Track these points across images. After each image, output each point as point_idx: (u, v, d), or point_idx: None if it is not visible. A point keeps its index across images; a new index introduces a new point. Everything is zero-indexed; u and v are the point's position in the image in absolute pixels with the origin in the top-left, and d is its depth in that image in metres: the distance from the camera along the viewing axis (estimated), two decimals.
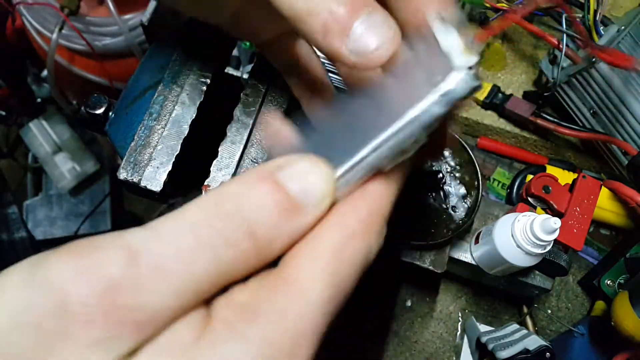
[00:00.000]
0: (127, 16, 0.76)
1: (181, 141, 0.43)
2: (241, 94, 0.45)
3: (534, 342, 0.56)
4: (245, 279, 0.20)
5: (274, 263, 0.20)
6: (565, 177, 0.70)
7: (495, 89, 0.75)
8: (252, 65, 0.47)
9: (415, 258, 0.53)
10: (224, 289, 0.19)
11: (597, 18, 0.65)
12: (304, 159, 0.20)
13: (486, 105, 0.75)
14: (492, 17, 0.74)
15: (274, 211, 0.19)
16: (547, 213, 0.57)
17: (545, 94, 0.72)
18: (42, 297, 0.17)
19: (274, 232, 0.19)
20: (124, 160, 0.43)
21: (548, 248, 0.50)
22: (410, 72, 0.22)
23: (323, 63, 0.39)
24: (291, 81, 0.40)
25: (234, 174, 0.43)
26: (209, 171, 0.43)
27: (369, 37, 0.22)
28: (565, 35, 0.65)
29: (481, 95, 0.75)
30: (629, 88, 0.63)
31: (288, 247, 0.20)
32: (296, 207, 0.19)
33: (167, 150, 0.43)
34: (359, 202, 0.21)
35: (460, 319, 0.68)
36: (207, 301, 0.19)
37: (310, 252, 0.20)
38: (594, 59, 0.63)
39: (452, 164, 0.54)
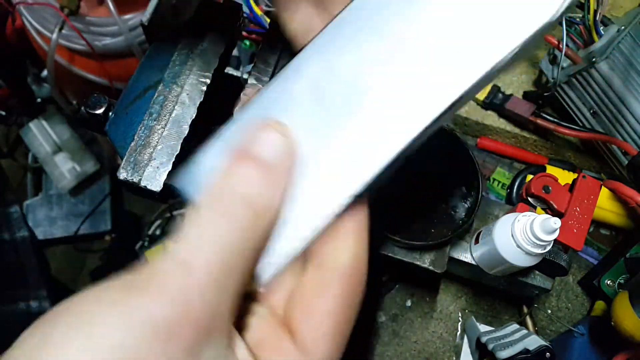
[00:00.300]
0: (127, 16, 0.76)
1: (181, 141, 0.43)
2: (241, 94, 0.45)
3: (534, 342, 0.56)
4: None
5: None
6: (565, 177, 0.70)
7: (495, 89, 0.75)
8: (252, 65, 0.47)
9: (415, 258, 0.53)
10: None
11: (597, 18, 0.65)
12: (262, 128, 0.24)
13: (486, 105, 0.75)
14: None
15: (258, 180, 0.23)
16: (547, 213, 0.57)
17: (545, 94, 0.72)
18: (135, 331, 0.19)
19: (261, 194, 0.23)
20: (124, 160, 0.43)
21: (548, 248, 0.50)
22: None
23: None
24: None
25: None
26: None
27: None
28: (565, 35, 0.65)
29: (481, 95, 0.75)
30: (629, 88, 0.63)
31: (281, 200, 0.24)
32: (271, 167, 0.23)
33: (167, 150, 0.43)
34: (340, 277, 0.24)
35: (460, 319, 0.68)
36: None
37: (312, 323, 0.23)
38: (594, 59, 0.63)
39: (453, 164, 0.54)
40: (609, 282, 0.65)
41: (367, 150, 0.24)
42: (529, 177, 0.70)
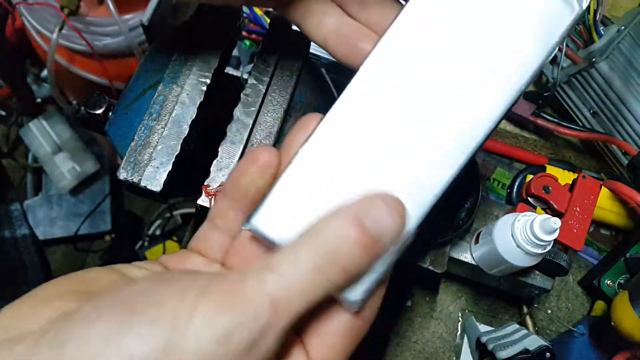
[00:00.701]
0: (127, 16, 0.76)
1: (181, 141, 0.43)
2: (241, 94, 0.45)
3: (534, 342, 0.56)
4: None
5: None
6: (565, 177, 0.70)
7: None
8: (252, 65, 0.47)
9: (415, 258, 0.53)
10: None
11: (597, 18, 0.65)
12: (380, 200, 0.25)
13: None
14: None
15: (361, 252, 0.24)
16: (547, 213, 0.57)
17: (545, 94, 0.72)
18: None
19: (360, 266, 0.24)
20: (124, 160, 0.43)
21: (548, 248, 0.50)
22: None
23: None
24: None
25: None
26: (209, 171, 0.43)
27: None
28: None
29: None
30: (629, 88, 0.63)
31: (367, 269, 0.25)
32: (375, 241, 0.24)
33: (167, 150, 0.43)
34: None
35: (460, 319, 0.68)
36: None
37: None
38: (594, 59, 0.63)
39: None
40: (609, 282, 0.65)
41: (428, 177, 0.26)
42: (529, 177, 0.70)
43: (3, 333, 0.21)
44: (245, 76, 0.68)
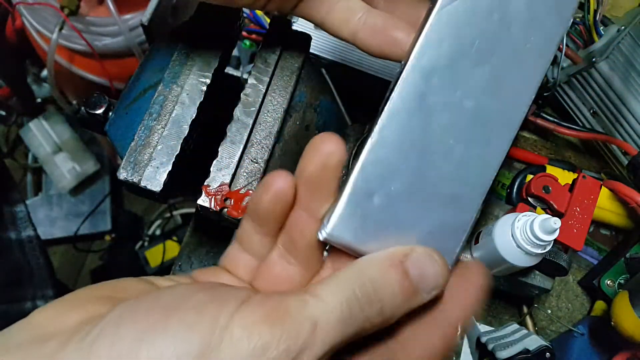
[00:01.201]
0: (127, 16, 0.76)
1: (181, 141, 0.43)
2: (241, 94, 0.45)
3: (534, 342, 0.56)
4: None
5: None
6: (565, 177, 0.70)
7: None
8: (252, 65, 0.47)
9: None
10: None
11: (597, 18, 0.65)
12: (425, 250, 0.25)
13: None
14: None
15: (399, 294, 0.24)
16: (547, 213, 0.57)
17: (545, 94, 0.72)
18: None
19: (396, 309, 0.24)
20: (124, 160, 0.43)
21: (548, 248, 0.50)
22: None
23: None
24: None
25: (234, 175, 0.43)
26: (209, 171, 0.43)
27: None
28: (565, 35, 0.65)
29: None
30: (629, 88, 0.63)
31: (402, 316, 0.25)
32: (416, 290, 0.25)
33: (167, 150, 0.43)
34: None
35: None
36: None
37: None
38: (594, 59, 0.63)
39: None
40: (609, 282, 0.65)
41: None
42: (529, 177, 0.70)
43: (33, 332, 0.21)
44: (245, 76, 0.68)
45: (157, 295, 0.22)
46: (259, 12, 0.76)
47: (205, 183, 0.42)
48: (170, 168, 0.43)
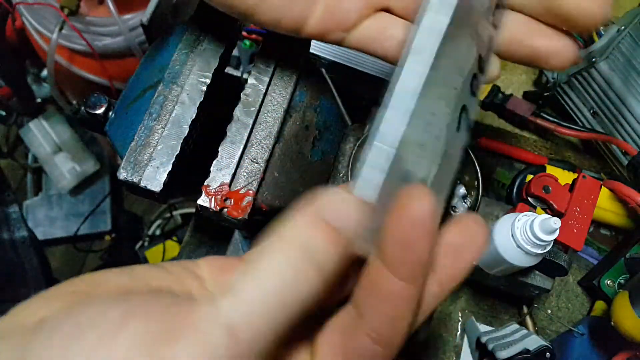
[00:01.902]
0: (127, 16, 0.76)
1: (181, 141, 0.43)
2: (241, 94, 0.45)
3: (534, 342, 0.56)
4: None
5: None
6: (565, 177, 0.70)
7: (495, 89, 0.75)
8: (252, 65, 0.47)
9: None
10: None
11: None
12: (335, 194, 0.23)
13: (486, 105, 0.75)
14: None
15: (327, 245, 0.22)
16: (547, 213, 0.57)
17: (545, 94, 0.72)
18: None
19: (331, 259, 0.22)
20: (124, 160, 0.43)
21: (548, 248, 0.50)
22: None
23: None
24: None
25: (234, 174, 0.43)
26: (209, 171, 0.43)
27: None
28: None
29: (481, 95, 0.75)
30: (629, 88, 0.63)
31: (343, 268, 0.23)
32: (338, 234, 0.22)
33: (167, 150, 0.43)
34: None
35: (460, 319, 0.68)
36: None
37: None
38: (594, 59, 0.63)
39: None
40: (609, 282, 0.65)
41: None
42: (529, 177, 0.70)
43: (4, 326, 0.21)
44: (245, 76, 0.68)
45: (80, 311, 0.20)
46: None
47: (205, 183, 0.42)
48: (170, 168, 0.43)
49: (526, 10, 0.31)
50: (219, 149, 0.43)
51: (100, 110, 0.48)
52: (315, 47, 0.65)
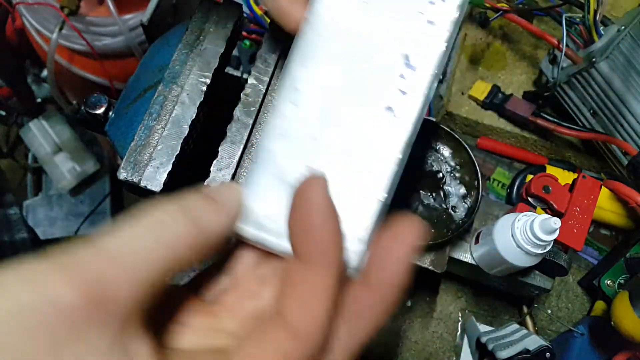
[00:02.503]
0: (127, 16, 0.76)
1: (181, 141, 0.43)
2: (241, 94, 0.45)
3: (534, 342, 0.56)
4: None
5: None
6: (565, 177, 0.70)
7: (495, 89, 0.75)
8: (252, 65, 0.47)
9: (415, 258, 0.53)
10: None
11: (597, 18, 0.65)
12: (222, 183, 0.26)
13: (486, 105, 0.75)
14: (492, 17, 0.74)
15: (204, 205, 0.23)
16: (547, 213, 0.57)
17: (545, 94, 0.72)
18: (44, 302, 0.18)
19: (207, 218, 0.23)
20: (124, 160, 0.43)
21: (548, 248, 0.50)
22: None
23: None
24: None
25: (234, 174, 0.43)
26: (209, 171, 0.43)
27: None
28: (565, 35, 0.65)
29: (481, 95, 0.75)
30: (629, 88, 0.63)
31: (224, 229, 0.24)
32: (217, 202, 0.24)
33: (167, 150, 0.43)
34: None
35: (460, 319, 0.68)
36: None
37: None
38: (594, 59, 0.63)
39: (452, 164, 0.54)
40: (609, 282, 0.65)
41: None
42: (529, 177, 0.70)
43: None
44: (245, 76, 0.68)
45: None
46: (258, 12, 0.76)
47: (205, 183, 0.42)
48: (170, 168, 0.43)
49: None
50: (219, 149, 0.43)
51: (100, 110, 0.48)
52: None
